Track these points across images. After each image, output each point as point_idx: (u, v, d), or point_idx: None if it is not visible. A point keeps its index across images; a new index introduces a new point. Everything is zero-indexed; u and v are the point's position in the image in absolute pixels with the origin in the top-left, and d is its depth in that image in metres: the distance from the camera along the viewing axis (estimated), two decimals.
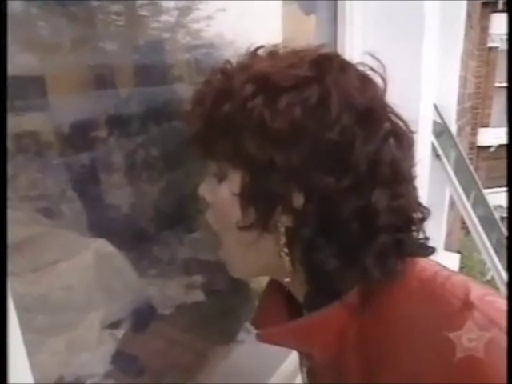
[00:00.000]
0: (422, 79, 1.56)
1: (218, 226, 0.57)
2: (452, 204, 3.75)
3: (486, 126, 7.29)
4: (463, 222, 4.65)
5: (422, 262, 0.52)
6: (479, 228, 2.27)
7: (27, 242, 1.80)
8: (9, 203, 2.26)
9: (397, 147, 0.52)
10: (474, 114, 6.03)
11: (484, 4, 4.95)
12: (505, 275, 2.20)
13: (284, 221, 0.50)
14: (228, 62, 0.54)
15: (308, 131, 0.47)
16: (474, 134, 6.51)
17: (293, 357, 1.43)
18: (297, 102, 0.47)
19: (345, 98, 0.48)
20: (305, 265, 0.51)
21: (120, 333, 2.00)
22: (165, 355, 1.81)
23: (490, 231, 2.36)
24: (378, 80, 0.53)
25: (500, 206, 5.35)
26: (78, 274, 1.80)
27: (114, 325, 2.01)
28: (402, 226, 0.51)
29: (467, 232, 4.71)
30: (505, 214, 5.08)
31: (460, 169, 2.65)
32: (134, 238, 2.25)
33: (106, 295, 1.87)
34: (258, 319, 0.64)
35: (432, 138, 2.18)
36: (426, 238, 0.53)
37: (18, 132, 2.25)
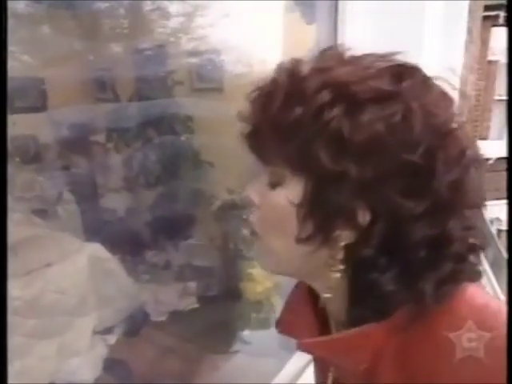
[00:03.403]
0: None
1: (263, 230, 0.52)
2: None
3: (484, 138, 7.30)
4: None
5: (472, 287, 0.49)
6: None
7: (22, 244, 1.78)
8: None
9: (477, 174, 0.47)
10: (474, 126, 6.04)
11: (485, 18, 4.95)
12: (500, 293, 2.16)
13: (345, 236, 0.46)
14: (296, 61, 0.49)
15: (388, 149, 0.43)
16: None
17: (287, 370, 1.40)
18: (380, 118, 0.43)
19: (428, 117, 0.44)
20: (358, 283, 0.48)
21: (112, 338, 1.97)
22: (157, 363, 1.79)
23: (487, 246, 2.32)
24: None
25: (498, 219, 5.36)
26: (72, 277, 1.77)
27: (106, 330, 1.98)
28: (466, 254, 0.48)
29: None
30: (502, 227, 5.06)
31: None
32: (129, 243, 2.24)
33: (98, 300, 1.84)
34: (285, 323, 0.61)
35: None
36: (479, 264, 0.50)
37: (16, 134, 2.25)
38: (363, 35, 1.36)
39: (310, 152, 0.44)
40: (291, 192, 0.47)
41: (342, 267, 0.47)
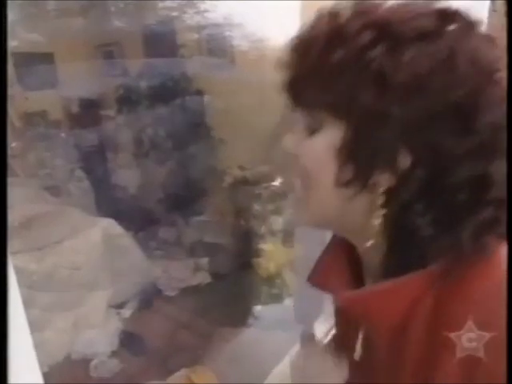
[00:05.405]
0: None
1: (300, 180, 0.52)
2: None
3: None
4: None
5: (502, 250, 0.47)
6: None
7: (34, 220, 1.80)
8: (17, 180, 2.25)
9: None
10: None
11: None
12: None
13: (385, 181, 0.46)
14: (337, 6, 0.49)
15: (432, 88, 0.42)
16: None
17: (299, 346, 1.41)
18: (423, 56, 0.42)
19: (473, 58, 0.43)
20: (397, 228, 0.48)
21: (126, 313, 1.99)
22: (170, 336, 1.82)
23: None
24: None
25: None
26: (85, 252, 1.79)
27: (120, 304, 2.02)
28: (503, 201, 0.46)
29: None
30: None
31: None
32: (141, 219, 2.24)
33: (112, 275, 1.87)
34: (318, 277, 0.61)
35: None
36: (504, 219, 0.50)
37: (27, 110, 2.24)
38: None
39: (352, 93, 0.44)
40: (331, 137, 0.47)
41: (383, 212, 0.47)
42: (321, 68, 0.46)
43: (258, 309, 1.89)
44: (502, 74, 0.45)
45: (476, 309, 0.43)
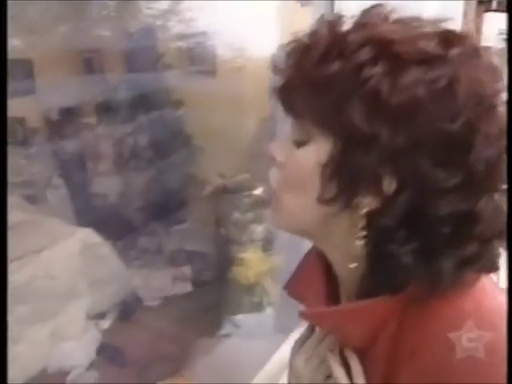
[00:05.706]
0: None
1: (282, 188, 0.50)
2: None
3: None
4: None
5: (484, 280, 0.47)
6: None
7: (11, 229, 1.75)
8: None
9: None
10: None
11: (479, 2, 4.88)
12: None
13: (368, 203, 0.45)
14: (339, 16, 0.47)
15: (427, 116, 0.41)
16: None
17: (280, 355, 1.41)
18: (422, 82, 0.40)
19: (474, 87, 0.41)
20: (374, 253, 0.47)
21: (105, 323, 1.93)
22: (150, 347, 1.80)
23: None
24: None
25: None
26: (63, 262, 1.76)
27: (99, 315, 1.98)
28: (491, 238, 0.45)
29: None
30: None
31: None
32: (121, 228, 2.22)
33: (90, 285, 1.83)
34: (294, 286, 0.61)
35: None
36: (499, 255, 0.48)
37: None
38: None
39: (342, 110, 0.42)
40: (318, 151, 0.46)
41: (363, 234, 0.45)
42: (314, 77, 0.44)
43: (238, 317, 1.89)
44: (502, 109, 0.44)
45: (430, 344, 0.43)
